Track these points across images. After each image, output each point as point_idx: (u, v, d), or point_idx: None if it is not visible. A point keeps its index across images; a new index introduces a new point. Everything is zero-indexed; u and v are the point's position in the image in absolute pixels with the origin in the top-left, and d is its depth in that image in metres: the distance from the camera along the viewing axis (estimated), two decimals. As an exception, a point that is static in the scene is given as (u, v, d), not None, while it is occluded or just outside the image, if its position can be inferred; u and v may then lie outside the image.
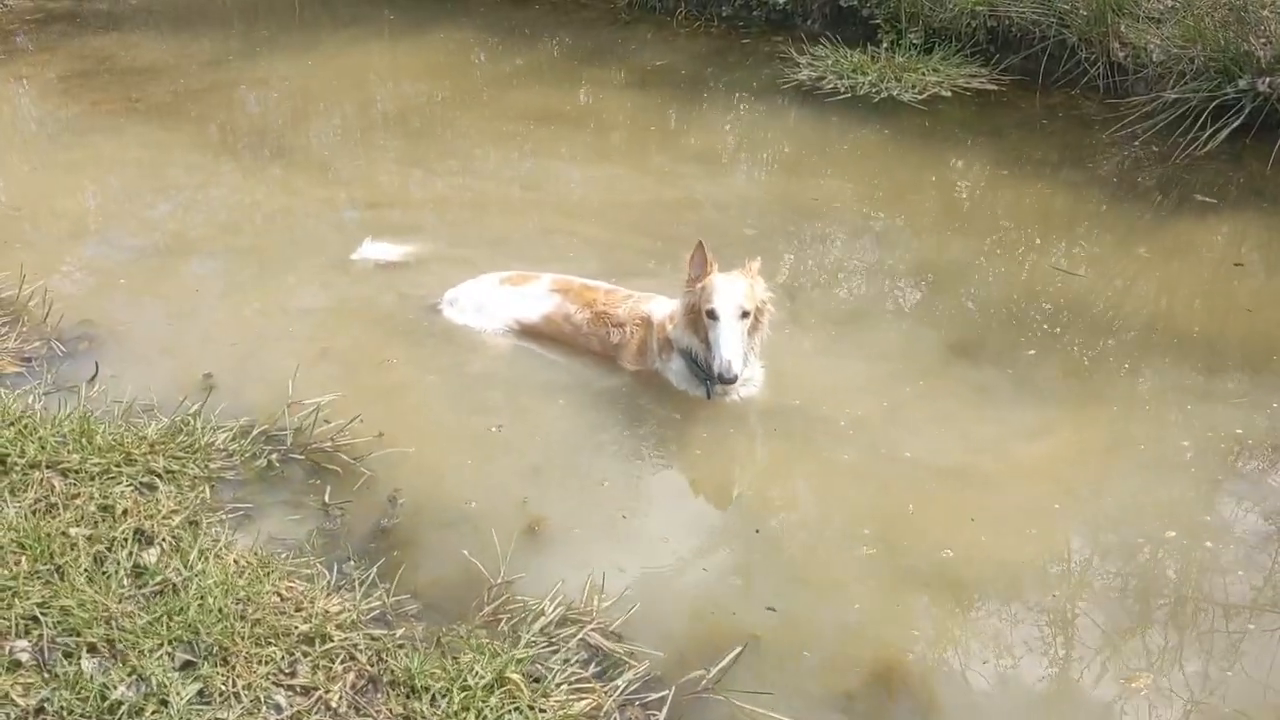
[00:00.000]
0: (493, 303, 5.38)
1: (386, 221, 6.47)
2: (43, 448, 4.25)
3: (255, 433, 4.54)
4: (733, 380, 4.44)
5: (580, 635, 3.61)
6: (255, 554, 3.83)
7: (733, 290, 4.50)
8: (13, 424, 4.39)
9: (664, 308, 5.03)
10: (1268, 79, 7.54)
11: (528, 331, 5.30)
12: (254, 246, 6.18)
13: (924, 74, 8.70)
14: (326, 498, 4.23)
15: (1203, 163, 7.25)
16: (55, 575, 3.63)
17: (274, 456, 4.43)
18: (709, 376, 4.74)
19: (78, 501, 4.03)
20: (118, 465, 4.22)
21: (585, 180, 7.17)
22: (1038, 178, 7.27)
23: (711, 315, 4.49)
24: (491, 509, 4.22)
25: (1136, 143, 7.55)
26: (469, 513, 4.20)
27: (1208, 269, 6.15)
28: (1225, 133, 7.38)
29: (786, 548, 4.11)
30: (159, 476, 4.22)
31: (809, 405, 4.82)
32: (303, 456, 4.46)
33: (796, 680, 3.50)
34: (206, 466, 4.32)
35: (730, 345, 4.44)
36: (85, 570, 3.65)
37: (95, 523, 3.92)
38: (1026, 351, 5.19)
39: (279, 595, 3.68)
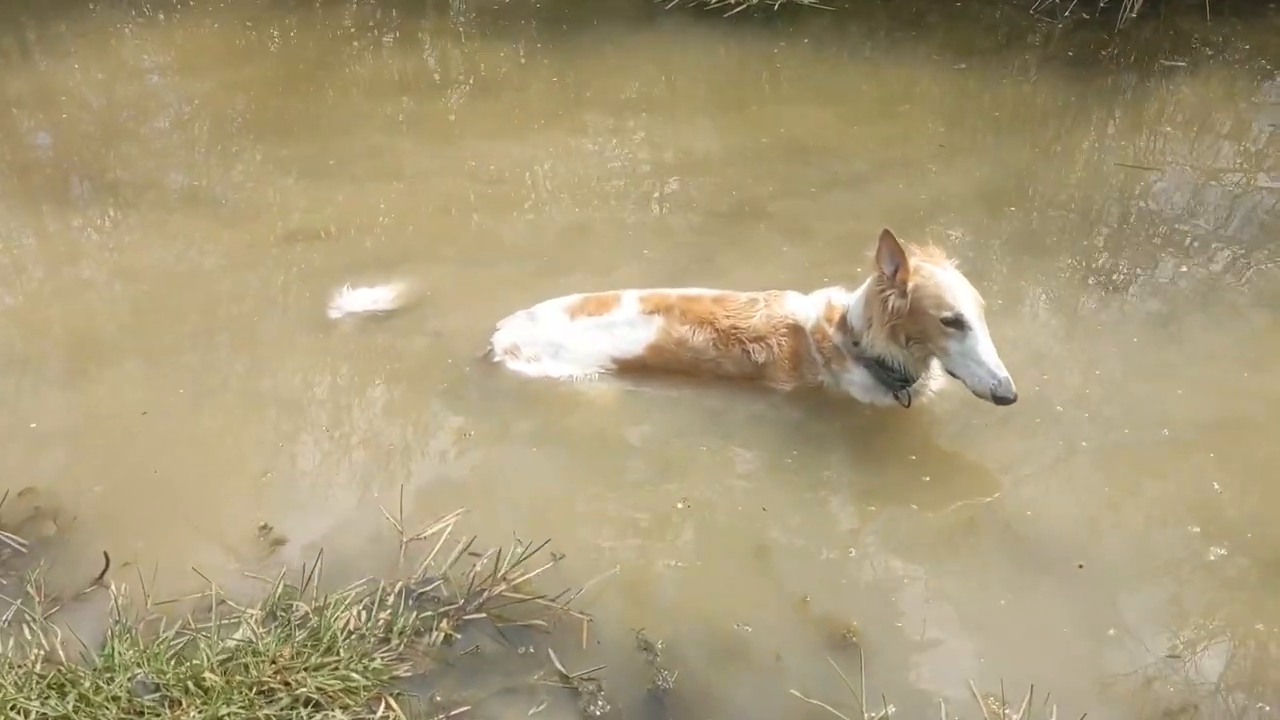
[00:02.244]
0: (572, 342, 4.26)
1: (345, 257, 5.07)
2: (136, 712, 2.89)
3: (393, 596, 3.31)
4: (1015, 399, 3.63)
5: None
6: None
7: (969, 288, 3.69)
8: (51, 688, 2.97)
9: (807, 307, 4.13)
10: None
11: (630, 369, 4.23)
12: (194, 330, 4.64)
13: (806, -31, 7.96)
14: (561, 667, 3.11)
15: (1140, 26, 7.00)
16: None
17: (445, 625, 3.23)
18: (905, 381, 3.94)
19: (245, 786, 2.74)
20: (254, 705, 2.92)
21: (539, 157, 5.98)
22: (998, 68, 6.77)
23: (956, 324, 3.64)
24: (770, 622, 3.25)
25: (1067, 14, 7.19)
26: (749, 638, 3.21)
27: (1250, 139, 5.87)
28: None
29: (1127, 574, 3.40)
30: (317, 706, 2.97)
31: (1004, 386, 4.10)
32: (483, 615, 3.28)
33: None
34: (367, 668, 3.07)
35: (997, 357, 3.63)
36: None
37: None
38: (1179, 269, 4.68)
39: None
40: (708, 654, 3.16)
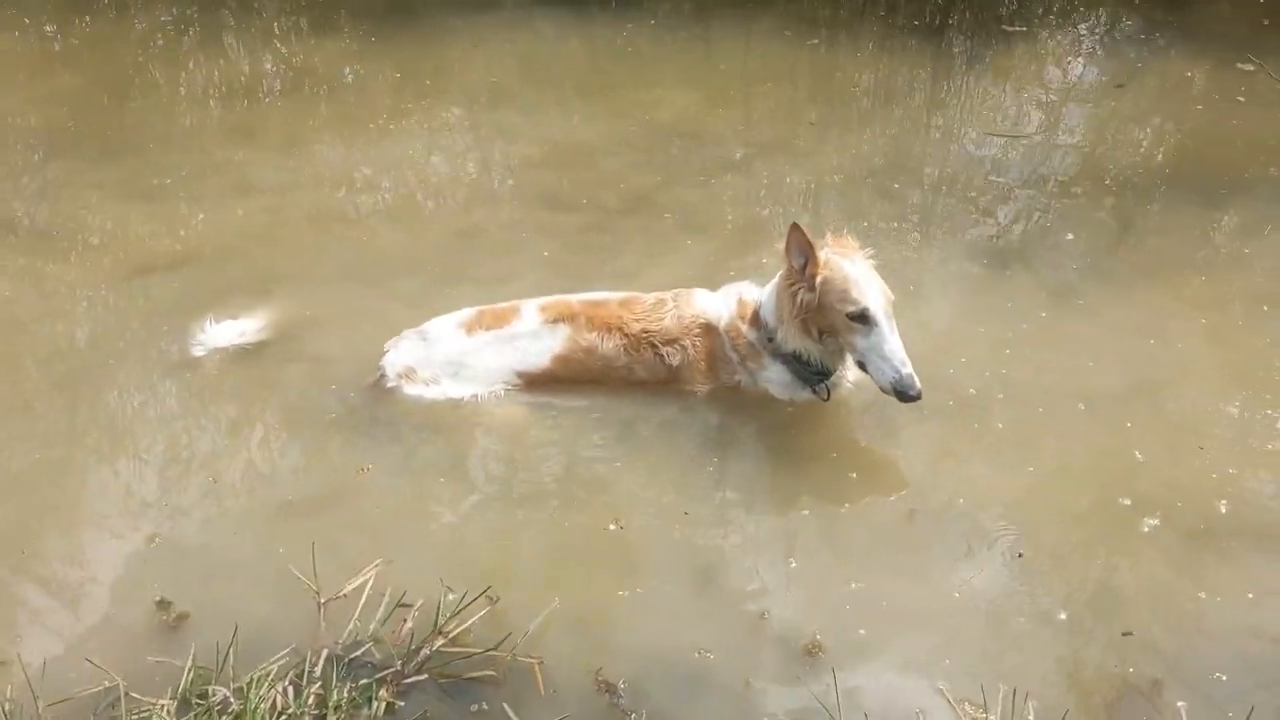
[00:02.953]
0: (473, 359, 4.01)
1: (201, 286, 4.64)
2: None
3: (320, 666, 3.02)
4: (919, 396, 3.56)
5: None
6: None
7: (878, 281, 3.61)
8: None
9: (719, 305, 4.00)
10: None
11: (536, 383, 4.01)
12: (38, 385, 4.13)
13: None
14: (518, 722, 2.89)
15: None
16: None
17: (385, 693, 2.96)
18: (823, 374, 3.85)
19: None
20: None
21: (401, 158, 5.65)
22: (848, 41, 6.81)
23: (861, 319, 3.55)
24: (731, 645, 3.11)
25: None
26: (713, 665, 3.05)
27: (1098, 97, 6.03)
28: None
29: (1065, 557, 3.38)
30: (256, 801, 2.67)
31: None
32: (424, 675, 3.02)
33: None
34: (305, 751, 2.79)
35: (903, 353, 3.56)
36: None
37: None
38: (1064, 236, 4.75)
39: None
40: (673, 688, 2.99)
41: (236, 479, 3.73)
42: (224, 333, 4.30)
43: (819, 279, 3.60)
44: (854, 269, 3.62)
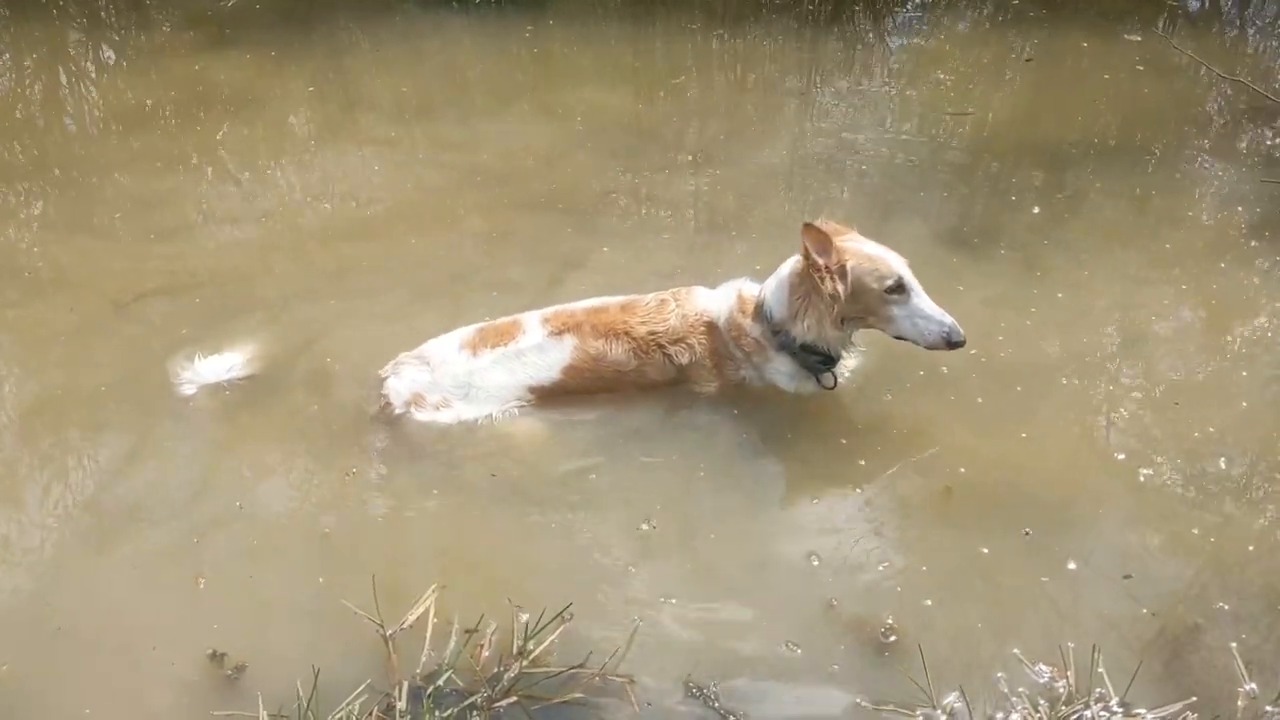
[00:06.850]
0: (482, 379, 3.96)
1: (191, 321, 4.50)
2: None
3: (403, 700, 2.97)
4: (964, 341, 3.69)
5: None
6: None
7: (893, 252, 3.73)
8: None
9: (718, 302, 4.04)
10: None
11: (548, 396, 3.99)
12: (30, 439, 3.95)
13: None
14: (631, 742, 2.90)
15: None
16: None
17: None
18: (829, 362, 3.93)
19: None
20: None
21: (369, 175, 5.54)
22: (757, 30, 6.93)
23: (898, 289, 3.67)
24: (809, 636, 3.16)
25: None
26: (799, 658, 3.10)
27: (1013, 71, 6.32)
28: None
29: (1077, 515, 3.53)
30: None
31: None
32: (513, 699, 2.99)
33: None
34: (409, 789, 2.75)
35: (938, 306, 3.71)
36: None
37: None
38: (1030, 210, 4.97)
39: None
40: (764, 684, 3.04)
41: (262, 513, 3.62)
42: (212, 369, 4.16)
43: (848, 266, 3.68)
44: (871, 248, 3.73)
